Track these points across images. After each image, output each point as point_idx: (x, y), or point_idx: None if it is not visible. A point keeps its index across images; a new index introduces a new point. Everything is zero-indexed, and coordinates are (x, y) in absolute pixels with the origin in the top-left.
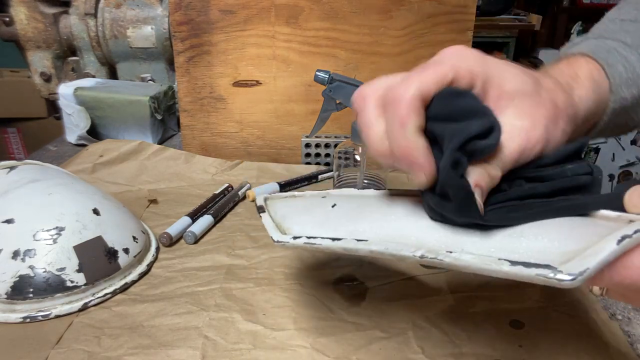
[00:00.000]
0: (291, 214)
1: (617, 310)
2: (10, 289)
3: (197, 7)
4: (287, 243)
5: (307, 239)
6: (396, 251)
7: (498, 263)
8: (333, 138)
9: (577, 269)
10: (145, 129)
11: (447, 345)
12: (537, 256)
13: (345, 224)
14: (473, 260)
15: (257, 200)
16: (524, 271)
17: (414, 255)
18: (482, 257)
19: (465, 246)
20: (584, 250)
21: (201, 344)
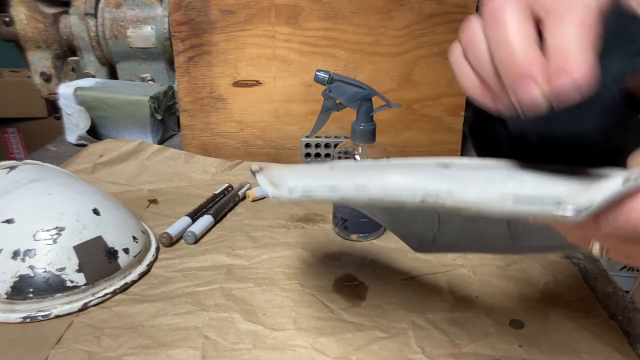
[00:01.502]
0: (288, 175)
1: (617, 310)
2: (10, 289)
3: (197, 7)
4: (283, 197)
5: (304, 190)
6: (396, 196)
7: (501, 201)
8: (333, 138)
9: (581, 205)
10: (145, 129)
11: (447, 345)
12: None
13: (343, 178)
14: (475, 199)
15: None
16: (527, 207)
17: (414, 198)
18: (485, 196)
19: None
20: (588, 190)
21: (201, 344)
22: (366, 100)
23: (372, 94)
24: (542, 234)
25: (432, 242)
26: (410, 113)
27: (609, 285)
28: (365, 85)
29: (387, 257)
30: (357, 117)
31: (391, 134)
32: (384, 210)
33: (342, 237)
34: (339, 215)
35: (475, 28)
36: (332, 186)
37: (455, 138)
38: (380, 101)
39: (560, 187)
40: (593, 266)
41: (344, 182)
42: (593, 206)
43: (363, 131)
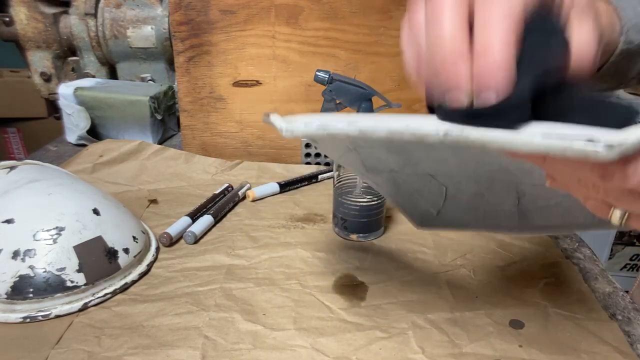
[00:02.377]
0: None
1: (617, 310)
2: (10, 289)
3: (197, 7)
4: (297, 130)
5: (321, 124)
6: (417, 129)
7: (529, 136)
8: None
9: (614, 141)
10: (145, 129)
11: (447, 345)
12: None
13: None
14: (501, 134)
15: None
16: (557, 143)
17: (437, 132)
18: (510, 132)
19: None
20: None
21: (201, 344)
22: (366, 100)
23: (372, 94)
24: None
25: (436, 216)
26: (410, 113)
27: (609, 285)
28: (365, 85)
29: (387, 257)
30: None
31: None
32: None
33: (342, 237)
34: (339, 215)
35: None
36: (350, 120)
37: None
38: (380, 101)
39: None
40: (593, 266)
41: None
42: (627, 143)
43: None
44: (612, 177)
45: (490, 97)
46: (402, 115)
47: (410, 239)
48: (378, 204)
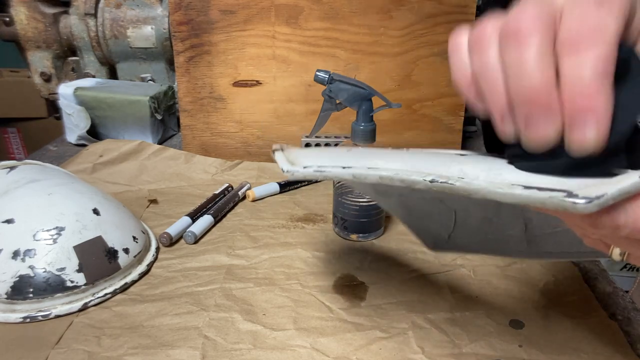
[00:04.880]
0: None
1: (617, 310)
2: (10, 289)
3: (197, 7)
4: (296, 172)
5: (318, 167)
6: (406, 176)
7: (510, 187)
8: (333, 138)
9: (594, 194)
10: (145, 129)
11: (447, 345)
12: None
13: (358, 160)
14: (485, 185)
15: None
16: (537, 194)
17: (424, 179)
18: (494, 182)
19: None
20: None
21: (201, 344)
22: (366, 100)
23: (372, 94)
24: (559, 238)
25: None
26: (410, 113)
27: (609, 285)
28: (365, 85)
29: (387, 257)
30: (357, 117)
31: (391, 134)
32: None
33: (342, 237)
34: (339, 215)
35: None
36: (345, 164)
37: (455, 138)
38: (380, 101)
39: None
40: (593, 266)
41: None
42: (606, 196)
43: (363, 131)
44: (603, 226)
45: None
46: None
47: (410, 238)
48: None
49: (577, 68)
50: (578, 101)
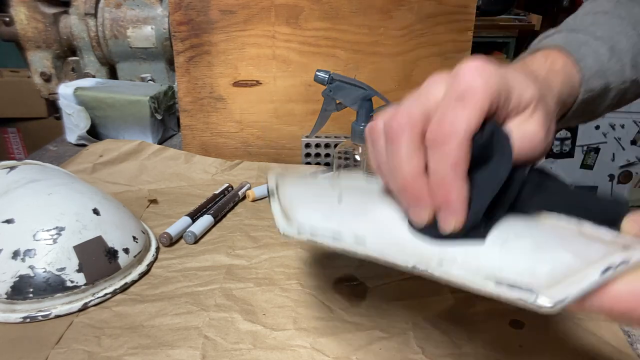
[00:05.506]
0: (299, 202)
1: None
2: (10, 289)
3: (197, 7)
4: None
5: (311, 235)
6: (391, 259)
7: (484, 282)
8: (333, 138)
9: (557, 297)
10: (145, 129)
11: (447, 345)
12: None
13: (348, 221)
14: (460, 275)
15: (270, 180)
16: (507, 293)
17: (406, 265)
18: (470, 273)
19: (457, 255)
20: (568, 276)
21: (201, 344)
22: (366, 100)
23: (372, 94)
24: None
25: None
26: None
27: None
28: (365, 85)
29: None
30: (357, 117)
31: None
32: None
33: None
34: None
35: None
36: (334, 234)
37: None
38: (380, 101)
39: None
40: None
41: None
42: (568, 299)
43: (363, 131)
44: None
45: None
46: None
47: None
48: None
49: (435, 163)
50: (438, 193)
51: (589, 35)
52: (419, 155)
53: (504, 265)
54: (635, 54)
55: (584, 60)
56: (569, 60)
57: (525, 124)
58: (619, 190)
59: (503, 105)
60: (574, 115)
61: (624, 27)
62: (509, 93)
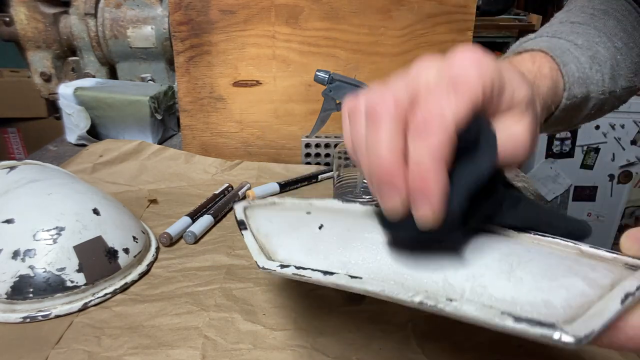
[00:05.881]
0: (275, 233)
1: None
2: (10, 289)
3: (197, 7)
4: (273, 272)
5: (296, 269)
6: (393, 294)
7: (501, 317)
8: (333, 138)
9: (582, 332)
10: (145, 129)
11: (447, 345)
12: (540, 310)
13: (335, 252)
14: (475, 312)
15: (236, 211)
16: (529, 330)
17: (412, 300)
18: (484, 308)
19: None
20: (587, 308)
21: (201, 344)
22: None
23: None
24: None
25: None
26: None
27: None
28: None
29: None
30: None
31: None
32: None
33: None
34: None
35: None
36: (325, 272)
37: None
38: None
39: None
40: None
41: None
42: (594, 333)
43: None
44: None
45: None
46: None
47: None
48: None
49: (417, 152)
50: (417, 183)
51: (570, 43)
52: (400, 140)
53: (516, 297)
54: (614, 66)
55: (568, 66)
56: (555, 66)
57: (514, 125)
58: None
59: (495, 100)
60: (553, 123)
61: (602, 38)
62: (503, 88)
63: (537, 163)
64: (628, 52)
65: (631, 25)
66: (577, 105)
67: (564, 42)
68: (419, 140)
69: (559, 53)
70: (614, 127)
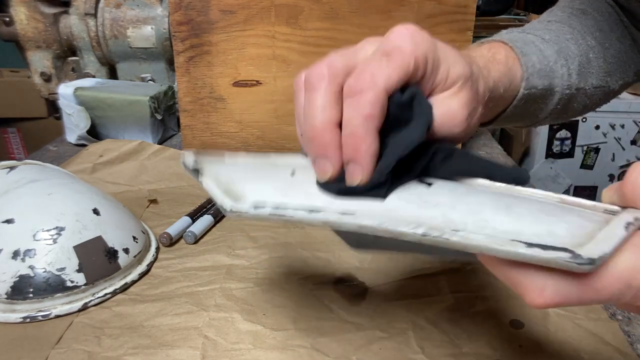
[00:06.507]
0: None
1: (617, 310)
2: (10, 289)
3: (197, 7)
4: (245, 213)
5: (274, 208)
6: (393, 227)
7: (512, 244)
8: None
9: (595, 253)
10: (145, 129)
11: (447, 345)
12: (546, 239)
13: (317, 193)
14: (484, 240)
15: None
16: (542, 254)
17: (414, 232)
18: (493, 237)
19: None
20: (591, 237)
21: (201, 344)
22: None
23: None
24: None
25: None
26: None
27: None
28: None
29: (387, 257)
30: None
31: None
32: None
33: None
34: None
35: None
36: (312, 207)
37: None
38: None
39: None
40: None
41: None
42: (607, 255)
43: None
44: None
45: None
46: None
47: None
48: None
49: (348, 113)
50: (348, 145)
51: (538, 37)
52: (334, 107)
53: (519, 228)
54: (583, 63)
55: (528, 56)
56: (512, 54)
57: (449, 100)
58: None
59: (429, 75)
60: (514, 114)
61: (575, 35)
62: (437, 64)
63: (537, 163)
64: (602, 51)
65: (609, 26)
66: (538, 97)
67: (531, 36)
68: (351, 102)
69: (520, 44)
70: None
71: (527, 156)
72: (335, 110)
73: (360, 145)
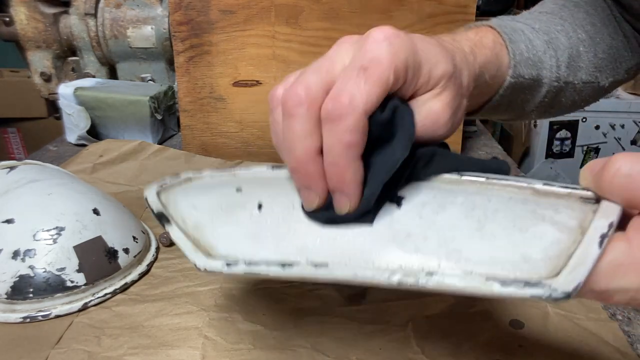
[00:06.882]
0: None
1: (617, 310)
2: (10, 289)
3: (197, 7)
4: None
5: (247, 265)
6: (368, 278)
7: (488, 284)
8: None
9: (570, 285)
10: (145, 129)
11: (447, 345)
12: (521, 267)
13: (286, 236)
14: (459, 283)
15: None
16: (518, 292)
17: (389, 281)
18: (468, 277)
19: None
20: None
21: (201, 344)
22: None
23: None
24: None
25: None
26: None
27: None
28: None
29: None
30: None
31: None
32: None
33: None
34: None
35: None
36: (284, 262)
37: (455, 137)
38: None
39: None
40: None
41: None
42: (581, 284)
43: None
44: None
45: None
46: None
47: None
48: None
49: (329, 141)
50: (332, 174)
51: (527, 26)
52: (315, 134)
53: (494, 255)
54: (573, 56)
55: (516, 44)
56: (500, 40)
57: (431, 102)
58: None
59: (410, 80)
60: (500, 104)
61: (565, 27)
62: (419, 68)
63: (537, 163)
64: (593, 45)
65: (601, 21)
66: (526, 87)
67: (521, 24)
68: (330, 129)
69: (509, 31)
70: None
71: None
72: (315, 136)
73: (344, 174)
